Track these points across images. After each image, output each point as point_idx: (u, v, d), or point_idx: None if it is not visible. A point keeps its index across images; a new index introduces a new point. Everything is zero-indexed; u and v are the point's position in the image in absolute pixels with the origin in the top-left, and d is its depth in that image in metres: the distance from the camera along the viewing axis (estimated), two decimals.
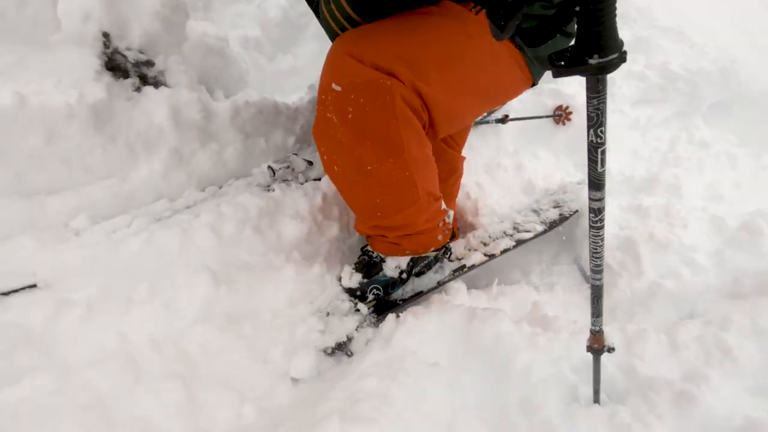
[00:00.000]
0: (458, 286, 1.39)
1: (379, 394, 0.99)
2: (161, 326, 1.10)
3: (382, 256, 1.42)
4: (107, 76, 1.36)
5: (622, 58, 0.66)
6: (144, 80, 1.45)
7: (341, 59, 1.09)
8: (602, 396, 1.25)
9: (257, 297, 1.25)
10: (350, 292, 1.40)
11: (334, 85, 1.08)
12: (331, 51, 1.14)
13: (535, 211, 2.02)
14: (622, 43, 0.66)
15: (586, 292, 1.89)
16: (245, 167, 1.65)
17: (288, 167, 1.58)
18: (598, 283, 1.01)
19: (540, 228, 1.85)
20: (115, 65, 1.40)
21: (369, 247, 1.45)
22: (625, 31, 3.26)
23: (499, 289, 1.57)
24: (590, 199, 0.90)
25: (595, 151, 0.81)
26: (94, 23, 1.33)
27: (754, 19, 3.68)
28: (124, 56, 1.40)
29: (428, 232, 1.36)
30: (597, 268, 1.00)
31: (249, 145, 1.64)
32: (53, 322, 1.01)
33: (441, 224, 1.39)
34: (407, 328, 1.21)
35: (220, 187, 1.55)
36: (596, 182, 0.85)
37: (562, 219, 1.95)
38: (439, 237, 1.41)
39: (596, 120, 0.76)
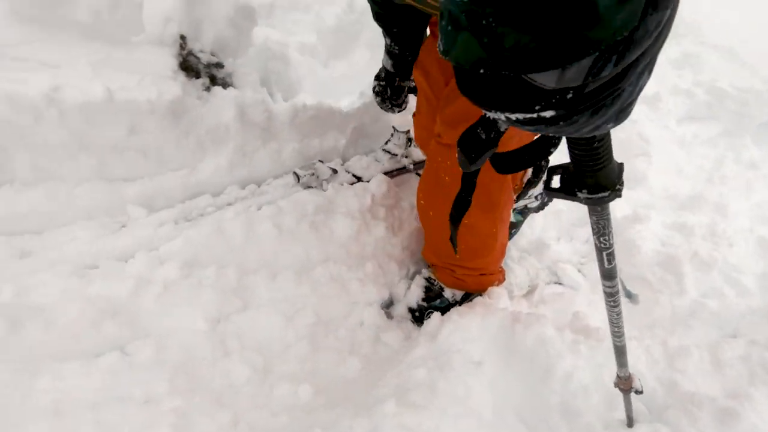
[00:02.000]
0: (500, 291, 1.43)
1: (428, 385, 1.04)
2: (230, 310, 1.19)
3: (443, 285, 1.50)
4: (182, 76, 1.47)
5: (616, 194, 0.68)
6: (213, 81, 1.56)
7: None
8: (642, 408, 1.27)
9: (316, 290, 1.33)
10: (410, 311, 1.48)
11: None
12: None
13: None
14: (614, 183, 0.67)
15: (626, 304, 1.90)
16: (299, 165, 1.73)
17: (312, 174, 1.63)
18: (619, 343, 1.05)
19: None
20: (188, 65, 1.51)
21: (433, 275, 1.52)
22: (672, 46, 3.23)
23: (540, 297, 1.60)
24: (603, 285, 0.97)
25: (601, 253, 0.89)
26: (174, 26, 1.44)
27: None
28: (197, 58, 1.51)
29: (491, 274, 1.48)
30: (617, 332, 1.05)
31: (305, 145, 1.73)
32: (135, 296, 1.11)
33: (500, 268, 1.53)
34: (452, 326, 1.25)
35: (258, 186, 1.62)
36: (607, 275, 0.93)
37: None
38: (496, 282, 1.53)
39: (599, 230, 0.82)
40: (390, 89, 1.54)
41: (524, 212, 1.81)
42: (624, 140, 2.55)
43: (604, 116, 0.43)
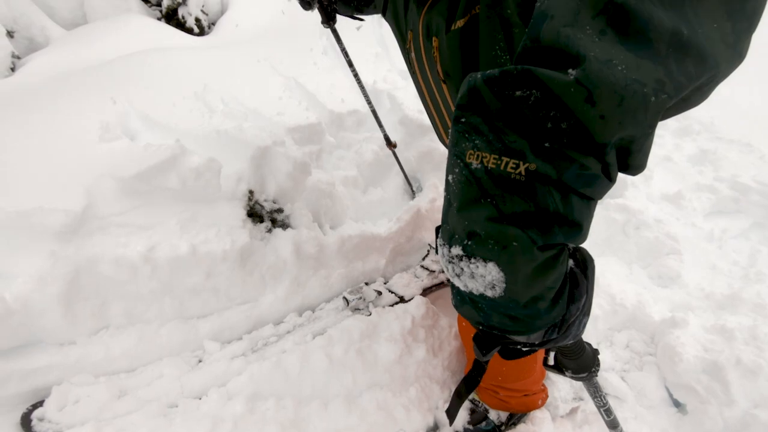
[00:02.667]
0: (543, 416, 1.49)
1: None
2: None
3: (488, 407, 1.56)
4: (249, 223, 1.73)
5: (593, 375, 0.98)
6: (274, 223, 1.81)
7: None
8: None
9: (365, 419, 1.44)
10: None
11: None
12: None
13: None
14: (590, 367, 0.97)
15: (675, 415, 1.88)
16: (346, 288, 1.92)
17: (360, 298, 1.80)
18: None
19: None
20: (254, 212, 1.78)
21: (477, 397, 1.59)
22: (688, 143, 3.39)
23: (585, 417, 1.62)
24: None
25: (600, 410, 1.18)
26: (244, 183, 1.73)
27: None
28: (261, 206, 1.78)
29: (533, 394, 1.53)
30: None
31: (350, 269, 1.93)
32: None
33: (542, 387, 1.57)
34: None
35: (313, 311, 1.80)
36: (612, 425, 1.20)
37: None
38: (539, 401, 1.58)
39: (591, 394, 1.13)
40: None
41: None
42: (652, 240, 2.63)
43: (564, 340, 0.61)
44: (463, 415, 1.57)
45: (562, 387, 1.84)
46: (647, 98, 0.43)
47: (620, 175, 0.94)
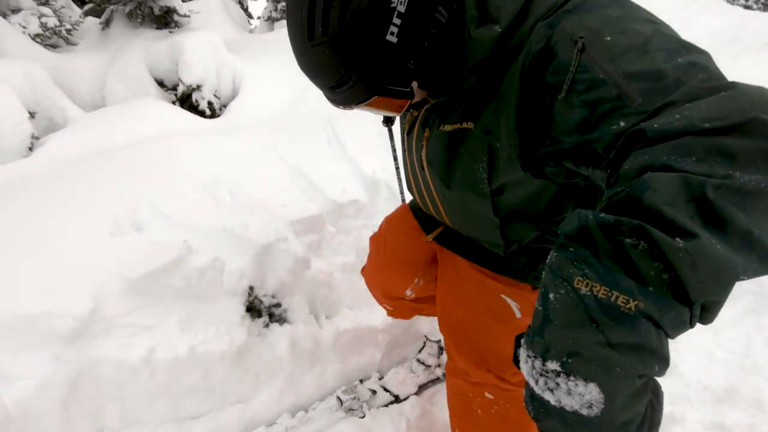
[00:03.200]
0: None
1: None
2: None
3: None
4: (248, 319, 1.77)
5: None
6: (271, 317, 1.86)
7: (492, 378, 1.26)
8: None
9: None
10: None
11: (487, 394, 1.26)
12: (480, 370, 1.26)
13: None
14: None
15: None
16: (340, 385, 1.92)
17: (354, 397, 1.78)
18: None
19: None
20: (253, 307, 1.83)
21: None
22: None
23: None
24: None
25: None
26: (245, 280, 1.80)
27: None
28: (260, 301, 1.84)
29: None
30: None
31: (346, 365, 1.94)
32: None
33: None
34: None
35: (306, 411, 1.78)
36: None
37: None
38: None
39: None
40: None
41: None
42: None
43: None
44: None
45: None
46: (737, 276, 0.53)
47: None
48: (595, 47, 0.67)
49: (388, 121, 1.77)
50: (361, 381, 1.90)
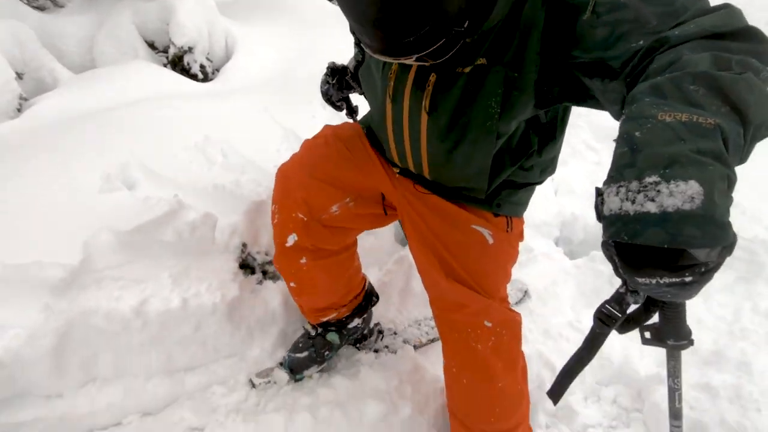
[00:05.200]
0: None
1: None
2: None
3: None
4: (240, 275, 1.77)
5: (690, 343, 0.99)
6: (265, 274, 1.85)
7: (488, 302, 1.32)
8: None
9: None
10: None
11: (486, 322, 1.31)
12: (472, 297, 1.31)
13: None
14: (689, 334, 0.98)
15: None
16: None
17: (269, 381, 1.68)
18: None
19: None
20: (246, 264, 1.82)
21: None
22: None
23: None
24: (671, 426, 1.20)
25: (674, 393, 1.18)
26: (238, 237, 1.78)
27: None
28: (253, 258, 1.83)
29: None
30: None
31: None
32: None
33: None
34: None
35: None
36: (676, 414, 1.19)
37: None
38: None
39: (674, 373, 1.13)
40: (338, 84, 1.59)
41: None
42: None
43: (700, 288, 0.70)
44: None
45: None
46: None
47: None
48: None
49: (351, 113, 1.77)
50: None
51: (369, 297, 1.81)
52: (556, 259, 2.90)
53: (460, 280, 1.31)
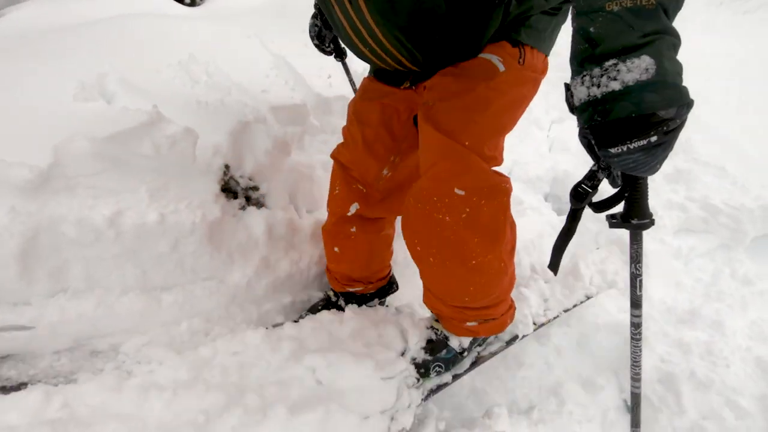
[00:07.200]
0: (499, 411, 1.50)
1: None
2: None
3: (447, 334, 1.46)
4: (222, 198, 1.69)
5: (652, 222, 1.07)
6: (248, 200, 1.78)
7: (467, 160, 1.14)
8: None
9: None
10: (415, 366, 1.44)
11: (457, 190, 1.11)
12: (448, 150, 1.14)
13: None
14: (651, 214, 1.05)
15: (627, 421, 1.92)
16: (317, 273, 1.91)
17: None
18: (637, 391, 1.22)
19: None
20: (229, 187, 1.74)
21: (437, 325, 1.49)
22: (665, 162, 3.48)
23: (540, 415, 1.65)
24: (631, 315, 1.25)
25: (635, 280, 1.25)
26: (220, 157, 1.69)
27: None
28: (237, 182, 1.75)
29: (501, 316, 1.41)
30: (636, 376, 1.24)
31: (322, 255, 1.91)
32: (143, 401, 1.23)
33: (510, 302, 1.46)
34: None
35: None
36: (635, 303, 1.24)
37: None
38: (508, 320, 1.46)
39: (636, 258, 1.19)
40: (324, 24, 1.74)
41: None
42: (621, 252, 2.69)
43: (663, 156, 0.83)
44: (420, 344, 1.48)
45: (533, 303, 1.86)
46: None
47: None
48: None
49: (340, 55, 1.91)
50: None
51: (391, 283, 1.88)
52: (545, 213, 2.89)
53: (436, 126, 1.16)
